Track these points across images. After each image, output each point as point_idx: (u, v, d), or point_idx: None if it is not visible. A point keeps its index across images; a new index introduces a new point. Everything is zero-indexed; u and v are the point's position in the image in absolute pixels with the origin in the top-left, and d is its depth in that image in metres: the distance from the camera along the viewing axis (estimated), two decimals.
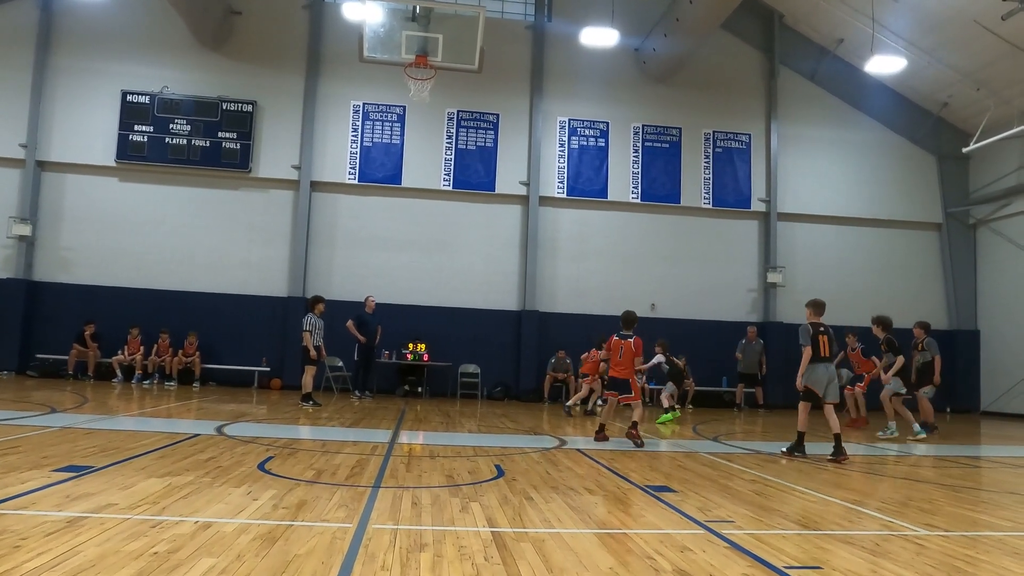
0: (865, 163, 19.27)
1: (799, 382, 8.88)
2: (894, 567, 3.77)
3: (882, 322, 11.66)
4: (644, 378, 11.08)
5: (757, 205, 18.81)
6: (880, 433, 11.41)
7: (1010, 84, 16.77)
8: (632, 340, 8.96)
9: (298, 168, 17.52)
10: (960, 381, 18.22)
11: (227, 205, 17.51)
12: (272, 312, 17.05)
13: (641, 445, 8.77)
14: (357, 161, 17.82)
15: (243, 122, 17.43)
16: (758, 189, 18.85)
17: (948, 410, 17.46)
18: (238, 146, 17.37)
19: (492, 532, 4.19)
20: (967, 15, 15.40)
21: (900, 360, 11.47)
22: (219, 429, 8.62)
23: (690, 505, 5.26)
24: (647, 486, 6.00)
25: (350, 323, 14.86)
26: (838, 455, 8.15)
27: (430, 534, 4.11)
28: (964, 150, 17.47)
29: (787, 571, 3.59)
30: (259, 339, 16.96)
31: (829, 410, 8.60)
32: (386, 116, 18.02)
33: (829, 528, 4.68)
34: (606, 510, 5.01)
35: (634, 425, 8.97)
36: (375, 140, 17.92)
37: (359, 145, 17.87)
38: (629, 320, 9.23)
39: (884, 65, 17.05)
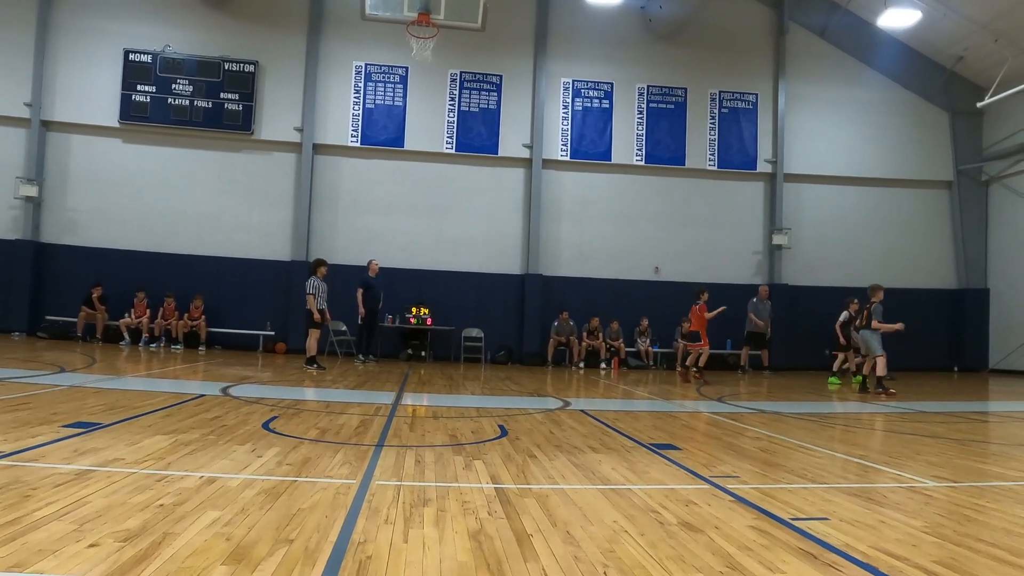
0: (875, 121, 18.97)
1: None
2: (902, 517, 3.76)
3: None
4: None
5: (763, 166, 18.59)
6: None
7: None
8: (699, 305, 12.99)
9: (300, 130, 17.35)
10: (969, 339, 18.17)
11: (230, 167, 17.39)
12: (276, 276, 17.03)
13: (692, 381, 12.27)
14: (359, 123, 17.63)
15: (245, 83, 17.22)
16: (764, 150, 18.62)
17: (956, 368, 17.44)
18: (240, 107, 17.19)
19: (496, 488, 4.19)
20: None
21: None
22: (224, 390, 8.66)
23: (695, 462, 5.25)
24: (651, 444, 6.00)
25: (360, 292, 14.78)
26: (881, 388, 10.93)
27: (433, 490, 4.10)
28: (979, 104, 17.14)
29: (793, 522, 3.57)
30: (264, 303, 16.98)
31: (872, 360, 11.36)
32: (388, 77, 17.77)
33: (836, 482, 4.66)
34: (610, 467, 4.99)
35: (686, 369, 13.03)
36: (377, 102, 17.70)
37: (361, 107, 17.66)
38: (697, 293, 13.32)
39: (898, 19, 16.70)
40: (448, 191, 17.87)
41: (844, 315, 14.26)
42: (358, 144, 17.63)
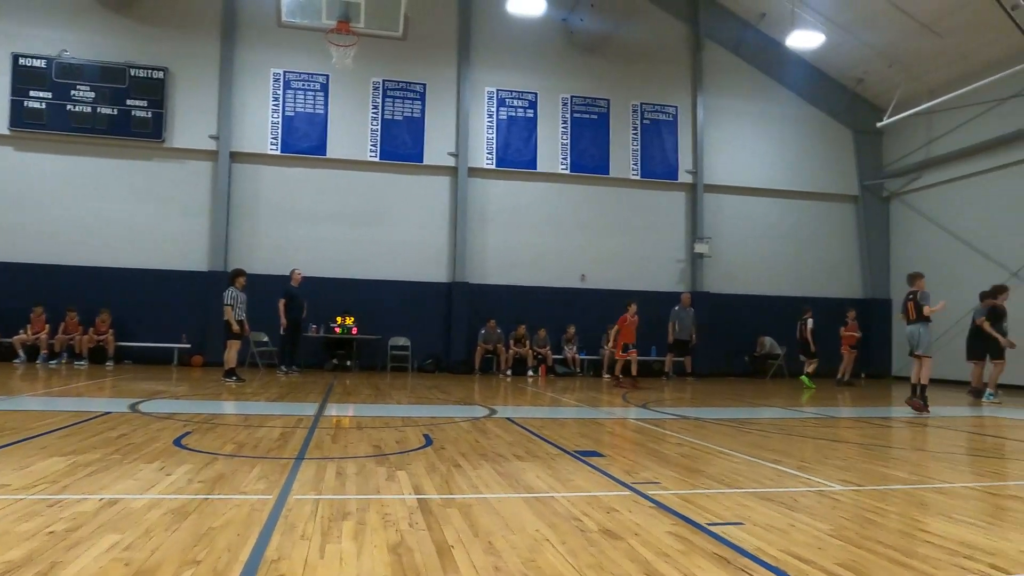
0: (787, 136, 19.75)
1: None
2: (810, 520, 3.88)
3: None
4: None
5: (684, 176, 19.09)
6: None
7: (920, 61, 17.42)
8: (628, 316, 14.08)
9: (216, 138, 16.79)
10: (874, 347, 19.03)
11: (140, 176, 16.65)
12: (192, 287, 16.39)
13: (619, 386, 13.70)
14: (279, 131, 17.20)
15: (154, 89, 16.53)
16: (685, 161, 19.12)
17: (863, 375, 18.23)
18: (150, 115, 16.49)
19: (418, 499, 4.13)
20: None
21: None
22: (133, 406, 8.23)
23: (618, 468, 5.30)
24: (576, 451, 6.02)
25: (282, 302, 14.44)
26: (920, 407, 9.83)
27: (354, 503, 4.01)
28: (878, 124, 18.10)
29: (710, 527, 3.65)
30: (179, 315, 16.29)
31: (918, 362, 10.41)
32: (308, 85, 17.41)
33: (751, 487, 4.77)
34: (534, 475, 4.99)
35: (615, 376, 14.33)
36: (297, 110, 17.32)
37: (280, 115, 17.24)
38: (629, 303, 14.24)
39: (803, 40, 17.49)
40: (373, 199, 17.63)
41: (810, 323, 15.19)
42: (278, 152, 17.18)
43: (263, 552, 3.05)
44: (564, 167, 18.58)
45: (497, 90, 18.38)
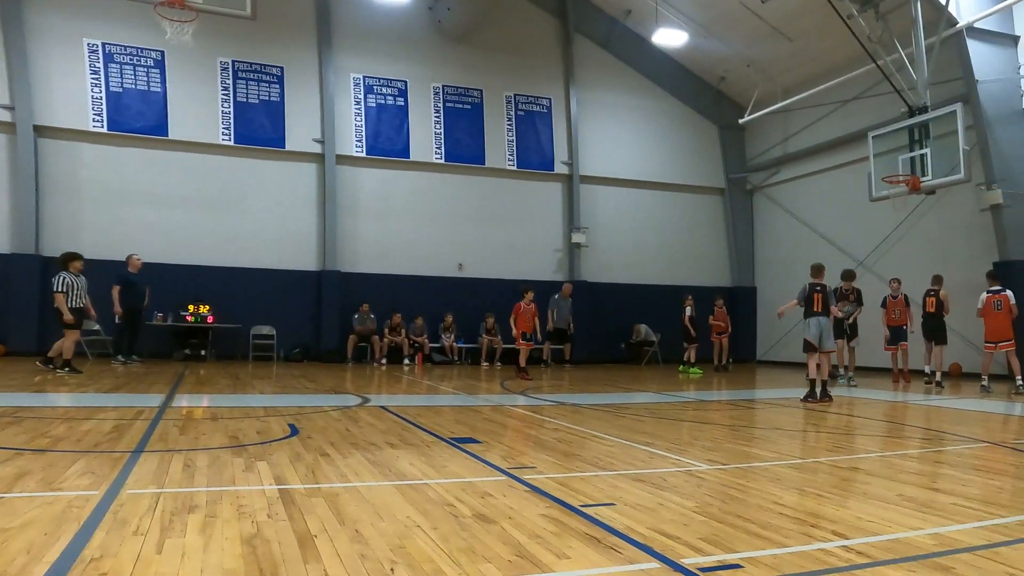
0: (657, 130, 20.35)
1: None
2: (678, 498, 3.97)
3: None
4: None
5: (560, 167, 19.28)
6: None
7: (774, 63, 18.40)
8: (523, 304, 13.67)
9: (11, 109, 14.99)
10: (741, 333, 19.99)
11: None
12: None
13: (527, 378, 12.99)
14: (103, 107, 15.69)
15: None
16: (560, 152, 19.30)
17: (731, 360, 19.08)
18: None
19: (279, 489, 3.85)
20: None
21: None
22: None
23: (494, 454, 5.21)
24: (452, 438, 5.86)
25: (116, 289, 13.30)
26: (821, 398, 9.51)
27: (203, 496, 3.66)
28: (740, 121, 19.05)
29: (583, 509, 3.64)
30: None
31: (824, 358, 9.81)
32: (138, 60, 16.02)
33: (624, 468, 4.80)
34: (408, 462, 4.80)
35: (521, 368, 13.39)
36: (126, 86, 15.89)
37: (104, 90, 15.72)
38: (525, 291, 13.85)
39: (668, 38, 18.07)
40: (229, 184, 16.56)
41: (688, 310, 15.90)
42: (104, 130, 15.70)
43: (80, 551, 2.65)
44: (438, 156, 18.28)
45: (364, 77, 17.78)
